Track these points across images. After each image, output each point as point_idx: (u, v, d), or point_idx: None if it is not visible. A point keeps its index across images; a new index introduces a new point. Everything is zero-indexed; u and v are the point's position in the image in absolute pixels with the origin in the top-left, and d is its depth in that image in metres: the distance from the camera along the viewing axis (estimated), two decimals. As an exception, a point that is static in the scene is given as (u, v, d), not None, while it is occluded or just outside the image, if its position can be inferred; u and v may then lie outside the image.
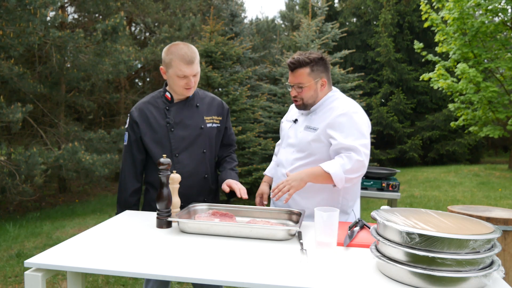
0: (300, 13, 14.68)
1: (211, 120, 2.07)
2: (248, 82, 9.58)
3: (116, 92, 10.85)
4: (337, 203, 1.96)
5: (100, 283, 3.40)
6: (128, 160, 2.03)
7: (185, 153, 1.99)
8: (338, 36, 9.04)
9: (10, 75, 6.49)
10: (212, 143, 2.08)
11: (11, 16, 5.88)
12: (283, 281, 1.12)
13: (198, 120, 2.03)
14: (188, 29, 10.41)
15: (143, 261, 1.26)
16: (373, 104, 13.23)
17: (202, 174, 2.04)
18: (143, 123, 1.99)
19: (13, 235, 5.35)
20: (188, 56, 1.88)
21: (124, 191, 2.03)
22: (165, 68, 1.96)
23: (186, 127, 2.00)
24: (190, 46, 1.93)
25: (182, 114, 2.01)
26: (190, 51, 1.90)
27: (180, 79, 1.91)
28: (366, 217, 5.60)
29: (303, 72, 1.91)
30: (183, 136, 1.98)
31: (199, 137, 2.01)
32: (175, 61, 1.88)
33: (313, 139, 1.91)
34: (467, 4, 9.05)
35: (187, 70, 1.88)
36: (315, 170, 1.79)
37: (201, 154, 2.03)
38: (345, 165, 1.76)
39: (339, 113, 1.87)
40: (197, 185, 2.02)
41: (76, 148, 6.74)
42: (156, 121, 1.98)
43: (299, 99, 1.97)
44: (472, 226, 1.14)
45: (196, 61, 1.92)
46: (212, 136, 2.07)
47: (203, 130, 2.02)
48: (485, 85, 9.11)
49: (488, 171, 10.33)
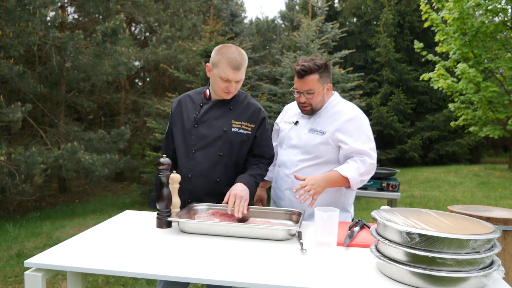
0: (300, 13, 14.68)
1: (240, 126, 1.98)
2: (248, 82, 9.58)
3: (116, 92, 10.86)
4: (339, 201, 2.02)
5: (100, 283, 3.40)
6: (164, 147, 2.12)
7: (202, 151, 1.96)
8: (338, 36, 9.04)
9: (11, 75, 6.49)
10: (234, 148, 1.97)
11: (10, 16, 5.88)
12: (283, 281, 1.12)
13: (224, 122, 1.97)
14: (189, 29, 10.41)
15: (143, 261, 1.26)
16: (373, 104, 13.22)
17: (214, 177, 1.96)
18: (177, 114, 2.04)
19: (13, 235, 5.35)
20: (236, 61, 1.87)
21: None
22: (211, 66, 1.95)
23: (210, 127, 1.97)
24: (242, 53, 1.92)
25: (212, 113, 1.99)
26: (240, 57, 1.89)
27: (223, 81, 1.90)
28: (366, 217, 5.60)
29: (313, 78, 1.95)
30: (204, 135, 1.96)
31: (219, 139, 1.95)
32: (223, 62, 1.87)
33: (320, 142, 1.96)
34: (467, 4, 9.06)
35: (231, 74, 1.87)
36: (333, 175, 1.86)
37: (217, 156, 1.95)
38: (360, 169, 1.87)
39: (348, 118, 1.96)
40: (205, 186, 1.96)
41: (76, 148, 6.74)
42: (187, 114, 2.02)
43: (308, 104, 2.00)
44: (472, 226, 1.14)
45: (242, 69, 1.90)
46: (236, 142, 1.97)
47: (225, 133, 1.95)
48: (485, 85, 9.11)
49: (488, 171, 10.34)
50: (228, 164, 1.98)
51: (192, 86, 6.85)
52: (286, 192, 2.04)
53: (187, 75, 6.79)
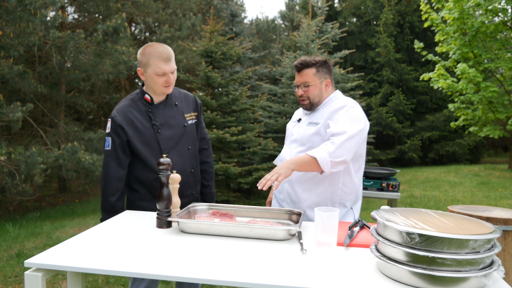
0: (300, 13, 14.68)
1: (190, 117, 2.15)
2: (248, 82, 9.59)
3: (116, 92, 10.86)
4: (336, 195, 2.03)
5: (100, 283, 3.40)
6: (113, 164, 1.99)
7: (173, 151, 2.04)
8: (338, 36, 9.04)
9: (11, 75, 6.49)
10: (194, 139, 2.17)
11: (11, 16, 5.88)
12: (283, 281, 1.12)
13: (180, 119, 2.10)
14: (188, 29, 10.41)
15: (143, 261, 1.26)
16: (373, 105, 13.22)
17: (189, 169, 2.12)
18: (129, 126, 1.99)
19: (13, 235, 5.35)
20: (165, 53, 1.94)
21: (110, 195, 1.98)
22: (142, 69, 1.99)
23: (171, 127, 2.06)
24: (165, 45, 1.99)
25: (165, 115, 2.06)
26: (166, 49, 1.96)
27: (160, 77, 1.95)
28: (366, 217, 5.60)
29: (309, 72, 2.05)
30: (169, 136, 2.05)
31: (183, 135, 2.09)
32: (153, 60, 1.93)
33: (314, 133, 2.01)
34: (467, 4, 9.05)
35: (165, 67, 1.94)
36: (302, 157, 1.86)
37: (186, 151, 2.11)
38: (329, 149, 1.84)
39: (338, 106, 2.00)
40: (185, 179, 2.06)
41: (76, 148, 6.74)
42: (141, 124, 2.01)
43: (305, 97, 2.08)
44: (472, 226, 1.14)
45: (172, 59, 1.98)
46: (194, 132, 2.16)
47: (186, 128, 2.11)
48: (485, 85, 9.10)
49: (488, 171, 10.33)
50: (194, 153, 2.17)
51: (192, 86, 6.84)
52: (285, 185, 2.10)
53: (187, 75, 6.79)
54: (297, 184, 2.04)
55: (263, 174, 6.07)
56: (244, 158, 6.52)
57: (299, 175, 2.03)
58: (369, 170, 3.66)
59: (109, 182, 1.99)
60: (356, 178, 2.06)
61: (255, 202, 6.43)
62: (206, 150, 2.30)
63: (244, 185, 6.06)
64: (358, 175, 2.07)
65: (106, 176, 2.00)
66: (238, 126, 6.23)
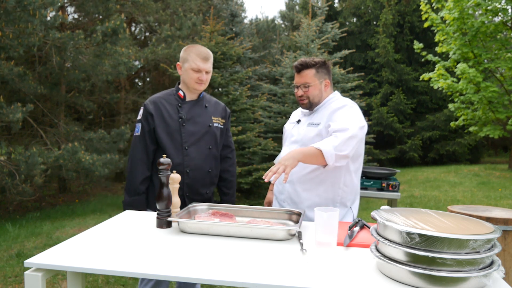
0: (300, 13, 14.68)
1: (217, 121, 2.26)
2: (248, 82, 9.59)
3: (116, 92, 10.84)
4: (337, 195, 2.04)
5: (100, 283, 3.40)
6: (140, 148, 2.12)
7: (194, 147, 2.13)
8: (338, 36, 9.04)
9: (11, 76, 6.49)
10: (217, 141, 2.24)
11: (10, 17, 5.88)
12: (283, 281, 1.12)
13: (207, 118, 2.20)
14: (189, 28, 10.40)
15: (143, 261, 1.26)
16: (373, 105, 13.22)
17: (207, 168, 2.19)
18: (158, 115, 2.12)
19: (13, 235, 5.35)
20: (204, 53, 2.11)
21: (134, 178, 2.10)
22: (181, 63, 2.15)
23: (196, 124, 2.16)
24: (206, 48, 2.17)
25: (193, 111, 2.17)
26: (206, 50, 2.13)
27: (195, 72, 2.09)
28: (366, 217, 5.60)
29: (309, 73, 2.09)
30: (193, 131, 2.14)
31: (206, 134, 2.18)
32: (192, 55, 2.09)
33: (316, 134, 2.02)
34: (467, 4, 9.06)
35: (202, 64, 2.09)
36: (307, 148, 1.84)
37: (207, 150, 2.19)
38: (333, 142, 1.84)
39: (338, 106, 2.02)
40: (201, 178, 2.16)
41: (76, 148, 6.73)
42: (169, 115, 2.13)
43: (305, 97, 2.10)
44: (472, 226, 1.14)
45: (211, 60, 2.13)
46: (217, 135, 2.24)
47: (210, 128, 2.20)
48: (485, 85, 9.10)
49: (488, 171, 10.34)
50: (215, 155, 2.24)
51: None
52: (286, 186, 2.10)
53: (187, 75, 6.78)
54: (298, 184, 2.04)
55: (263, 174, 6.07)
56: (244, 158, 6.52)
57: (300, 176, 2.03)
58: (369, 170, 3.66)
59: (135, 164, 2.10)
60: (356, 177, 2.10)
61: (255, 202, 6.43)
62: (230, 159, 2.38)
63: (244, 185, 6.06)
64: (357, 174, 2.10)
65: (133, 159, 2.12)
66: (238, 126, 6.23)
